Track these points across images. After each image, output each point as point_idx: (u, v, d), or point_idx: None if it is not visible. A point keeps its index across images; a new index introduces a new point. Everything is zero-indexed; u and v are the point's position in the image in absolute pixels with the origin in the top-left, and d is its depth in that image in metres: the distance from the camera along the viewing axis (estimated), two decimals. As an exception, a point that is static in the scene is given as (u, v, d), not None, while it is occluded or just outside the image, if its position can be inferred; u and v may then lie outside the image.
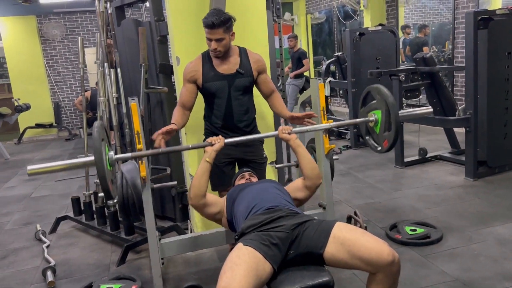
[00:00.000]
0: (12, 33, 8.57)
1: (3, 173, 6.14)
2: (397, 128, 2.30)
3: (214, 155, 2.17)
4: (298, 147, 2.25)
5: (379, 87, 2.39)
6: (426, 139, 5.80)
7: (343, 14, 8.96)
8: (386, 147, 2.40)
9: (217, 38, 2.38)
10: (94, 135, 1.95)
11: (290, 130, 2.28)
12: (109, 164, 2.07)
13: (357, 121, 2.54)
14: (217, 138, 2.20)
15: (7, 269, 3.05)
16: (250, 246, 1.72)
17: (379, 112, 2.40)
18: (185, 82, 2.57)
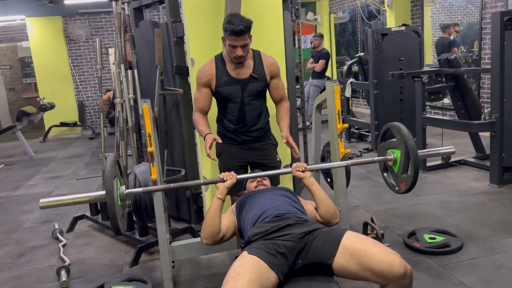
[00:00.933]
0: (38, 33, 8.76)
1: (27, 171, 6.28)
2: (416, 172, 2.23)
3: (226, 192, 2.11)
4: (312, 186, 2.16)
5: (400, 126, 2.32)
6: (451, 142, 5.62)
7: (367, 14, 8.81)
8: (404, 190, 2.34)
9: (243, 44, 2.34)
10: (107, 173, 1.98)
11: (305, 168, 2.20)
12: (120, 199, 2.08)
13: (375, 159, 2.46)
14: (229, 174, 2.15)
15: (24, 267, 3.09)
16: (255, 255, 1.68)
17: (399, 152, 2.34)
18: (200, 86, 2.54)
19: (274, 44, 2.99)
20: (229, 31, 2.30)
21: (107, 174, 1.96)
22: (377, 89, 5.44)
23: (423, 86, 4.35)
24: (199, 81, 2.53)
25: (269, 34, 2.97)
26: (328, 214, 2.11)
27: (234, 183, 2.13)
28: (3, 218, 4.23)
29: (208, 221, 2.04)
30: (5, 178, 5.92)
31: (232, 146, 2.63)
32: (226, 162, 2.62)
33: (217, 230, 2.04)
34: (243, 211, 2.11)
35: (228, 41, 2.35)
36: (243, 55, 2.38)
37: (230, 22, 2.30)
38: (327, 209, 2.12)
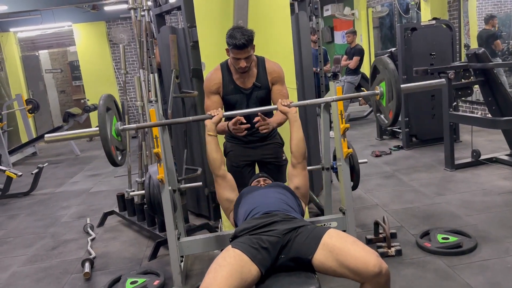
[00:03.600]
0: (84, 38, 9.27)
1: (71, 169, 6.70)
2: (398, 95, 2.22)
3: (214, 127, 2.29)
4: (295, 122, 2.31)
5: (382, 57, 2.36)
6: (487, 139, 5.43)
7: (404, 7, 8.59)
8: (391, 119, 2.34)
9: (246, 56, 2.41)
10: (99, 105, 2.14)
11: (290, 102, 2.33)
12: (115, 134, 2.25)
13: (362, 94, 2.58)
14: (216, 110, 2.32)
15: (55, 259, 3.36)
16: (238, 249, 1.77)
17: (384, 83, 2.35)
18: (209, 94, 2.62)
19: (282, 46, 3.05)
20: (231, 45, 2.37)
21: (100, 108, 2.13)
22: (407, 85, 5.33)
23: (449, 82, 4.23)
24: (208, 89, 2.61)
25: (277, 36, 3.03)
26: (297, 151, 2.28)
27: (220, 118, 2.30)
28: (44, 213, 4.57)
29: (208, 156, 2.29)
30: (51, 175, 6.35)
31: (239, 145, 2.74)
32: (232, 161, 2.73)
33: (219, 161, 2.29)
34: (238, 206, 2.21)
35: (231, 54, 2.43)
36: (246, 66, 2.46)
37: (232, 37, 2.37)
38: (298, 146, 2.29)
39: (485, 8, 7.50)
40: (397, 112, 2.27)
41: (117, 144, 2.27)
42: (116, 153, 2.24)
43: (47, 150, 8.80)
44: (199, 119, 2.47)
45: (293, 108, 2.32)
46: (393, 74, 2.23)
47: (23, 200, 5.19)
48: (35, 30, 9.77)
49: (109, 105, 2.24)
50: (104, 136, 2.11)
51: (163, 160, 2.49)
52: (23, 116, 8.09)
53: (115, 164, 2.24)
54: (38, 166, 5.34)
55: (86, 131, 2.35)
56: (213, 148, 2.28)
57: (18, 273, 3.19)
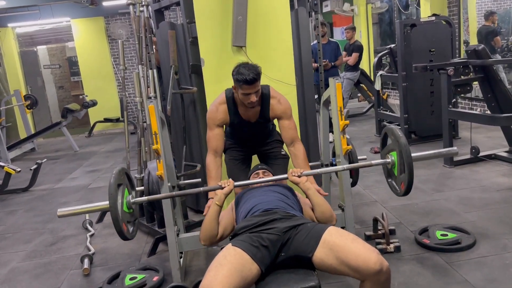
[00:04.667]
0: (82, 33, 9.24)
1: (70, 164, 6.69)
2: (410, 170, 2.21)
3: (223, 198, 2.18)
4: (307, 190, 2.21)
5: (392, 128, 2.36)
6: (486, 136, 5.44)
7: (404, 3, 8.57)
8: (404, 190, 2.32)
9: (256, 90, 2.42)
10: (110, 182, 2.12)
11: (300, 173, 2.26)
12: (126, 207, 2.22)
13: (373, 163, 2.48)
14: (227, 181, 2.24)
15: (54, 255, 3.36)
16: (238, 247, 1.78)
17: (395, 153, 2.35)
18: (213, 126, 2.61)
19: (282, 42, 3.04)
20: (242, 81, 2.36)
21: (111, 182, 2.11)
22: (406, 81, 5.34)
23: (449, 78, 4.23)
24: (213, 121, 2.59)
25: (277, 33, 3.02)
26: (323, 218, 2.16)
27: (231, 190, 2.22)
28: (43, 209, 4.57)
29: (206, 225, 2.15)
30: (50, 171, 6.35)
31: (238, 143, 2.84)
32: (230, 154, 2.83)
33: (214, 234, 2.15)
34: (239, 207, 2.21)
35: (241, 90, 2.42)
36: (256, 101, 2.45)
37: (241, 73, 2.36)
38: (323, 213, 2.17)
39: (484, 4, 7.48)
40: (409, 186, 2.25)
41: (128, 218, 2.24)
42: (127, 229, 2.20)
43: (45, 146, 8.80)
44: (210, 189, 2.39)
45: (303, 178, 2.25)
46: (405, 149, 2.21)
47: (22, 196, 5.18)
48: (33, 26, 9.74)
49: (120, 180, 2.20)
50: (115, 217, 2.06)
51: (162, 157, 2.49)
52: (22, 112, 8.08)
53: (126, 239, 2.19)
54: (37, 162, 5.33)
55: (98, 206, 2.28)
56: (215, 220, 2.14)
57: (17, 268, 3.19)
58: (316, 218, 2.18)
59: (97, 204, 2.30)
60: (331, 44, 6.70)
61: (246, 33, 2.95)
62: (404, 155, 2.22)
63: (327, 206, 2.20)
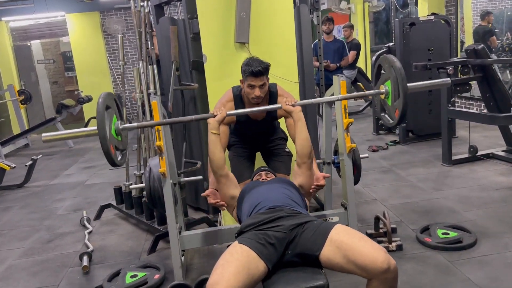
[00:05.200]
0: (78, 28, 9.15)
1: (65, 161, 6.63)
2: (405, 93, 2.17)
3: (217, 125, 2.25)
4: (298, 121, 2.28)
5: (387, 56, 2.32)
6: (482, 135, 5.46)
7: (401, 2, 8.58)
8: (398, 117, 2.29)
9: (262, 84, 2.43)
10: (98, 103, 2.08)
11: (294, 102, 2.31)
12: (115, 133, 2.19)
13: (367, 93, 2.55)
14: (219, 109, 2.29)
15: (52, 252, 3.32)
16: (245, 245, 1.76)
17: (389, 82, 2.32)
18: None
19: (285, 39, 3.02)
20: (248, 72, 2.40)
21: (98, 107, 2.05)
22: (405, 80, 5.33)
23: (448, 77, 4.23)
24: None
25: (280, 29, 3.00)
26: (303, 151, 2.25)
27: (224, 117, 2.27)
28: (39, 205, 4.52)
29: (211, 156, 2.24)
30: (45, 167, 6.28)
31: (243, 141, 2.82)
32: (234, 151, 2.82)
33: (221, 162, 2.24)
34: (242, 201, 2.19)
35: (247, 81, 2.44)
36: (261, 95, 2.45)
37: (249, 64, 2.41)
38: (303, 146, 2.25)
39: (480, 4, 7.51)
40: (404, 111, 2.22)
41: (116, 143, 2.21)
42: (115, 153, 2.17)
43: (39, 141, 8.69)
44: (202, 118, 2.41)
45: (297, 107, 2.29)
46: (400, 72, 2.19)
47: (17, 192, 5.12)
48: (28, 20, 9.62)
49: (109, 103, 2.17)
50: (102, 135, 2.03)
51: (165, 154, 2.47)
52: (15, 107, 7.98)
53: (114, 164, 2.16)
54: (32, 158, 5.27)
55: (85, 130, 2.26)
56: (216, 147, 2.24)
57: (14, 266, 3.15)
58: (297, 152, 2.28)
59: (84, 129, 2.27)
60: (336, 42, 6.68)
61: (249, 29, 2.92)
62: (398, 78, 2.16)
63: (309, 142, 2.29)
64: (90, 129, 2.18)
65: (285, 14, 3.00)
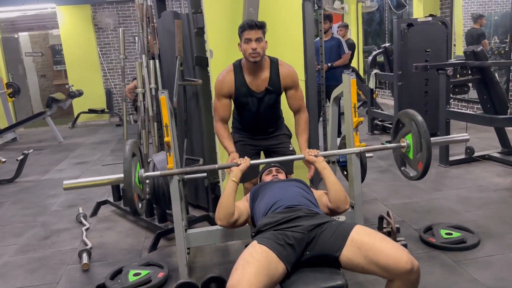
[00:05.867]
0: (68, 21, 8.98)
1: (56, 156, 6.50)
2: (428, 146, 2.21)
3: (240, 175, 2.20)
4: (323, 170, 2.22)
5: (406, 110, 2.36)
6: (476, 136, 5.50)
7: (395, 3, 8.63)
8: (421, 170, 2.31)
9: (257, 37, 2.41)
10: (125, 156, 2.05)
11: (317, 153, 2.28)
12: (138, 181, 2.15)
13: (389, 146, 2.50)
14: (243, 159, 2.25)
15: (48, 249, 3.23)
16: (264, 245, 1.73)
17: (410, 136, 2.35)
18: (220, 97, 2.60)
19: (292, 37, 2.99)
20: (242, 27, 2.43)
21: (126, 156, 2.03)
22: (402, 80, 5.36)
23: (447, 79, 4.26)
24: (219, 91, 2.59)
25: (287, 27, 2.97)
26: (337, 198, 2.13)
27: (248, 167, 2.24)
28: (31, 201, 4.41)
29: (223, 202, 2.13)
30: (34, 162, 6.15)
31: (246, 137, 2.78)
32: (239, 150, 2.73)
33: (231, 211, 2.12)
34: (256, 200, 2.16)
35: (243, 37, 2.43)
36: (258, 51, 2.41)
37: (245, 21, 2.46)
38: (337, 193, 2.14)
39: (470, 7, 7.60)
40: (428, 163, 2.25)
41: (139, 192, 2.18)
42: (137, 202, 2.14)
43: (27, 136, 8.54)
44: (225, 166, 2.40)
45: (319, 158, 2.28)
46: (422, 125, 2.23)
47: (7, 187, 5.00)
48: (16, 11, 9.41)
49: (135, 150, 2.15)
50: (128, 183, 2.00)
51: (173, 150, 2.42)
52: (3, 100, 7.82)
53: (136, 213, 2.13)
54: (24, 152, 5.15)
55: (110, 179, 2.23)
56: (230, 196, 2.13)
57: (10, 263, 3.06)
58: (329, 200, 2.16)
59: (109, 176, 2.23)
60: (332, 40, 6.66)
61: (256, 25, 2.87)
62: (421, 131, 2.22)
63: (341, 187, 2.19)
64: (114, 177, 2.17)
65: (293, 11, 2.98)
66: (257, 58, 2.45)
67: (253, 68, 2.51)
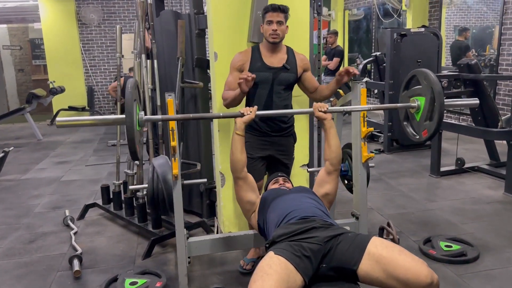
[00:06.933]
0: (50, 15, 8.70)
1: (35, 154, 6.26)
2: (440, 118, 2.19)
3: (243, 126, 2.20)
4: (331, 128, 2.26)
5: (427, 72, 2.28)
6: (463, 147, 5.58)
7: (382, 12, 8.72)
8: (425, 137, 2.31)
9: (279, 20, 2.48)
10: (127, 95, 1.94)
11: (326, 108, 2.26)
12: (138, 125, 2.07)
13: (398, 106, 2.47)
14: (249, 108, 2.21)
15: (35, 254, 3.08)
16: (282, 256, 1.67)
17: (423, 99, 2.30)
18: (233, 70, 2.62)
19: (300, 42, 2.93)
20: (266, 9, 2.51)
21: (128, 95, 1.93)
22: (393, 90, 5.39)
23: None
24: (233, 65, 2.61)
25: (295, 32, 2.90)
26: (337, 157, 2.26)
27: (252, 119, 2.20)
28: (13, 201, 4.22)
29: (232, 156, 2.21)
30: (13, 160, 5.90)
31: (255, 137, 2.68)
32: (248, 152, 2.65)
33: (242, 163, 2.21)
34: (267, 209, 2.10)
35: (265, 18, 2.50)
36: (278, 32, 2.48)
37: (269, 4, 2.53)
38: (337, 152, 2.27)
39: (453, 20, 7.75)
40: (435, 134, 2.26)
41: (139, 137, 2.09)
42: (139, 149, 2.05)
43: (3, 132, 8.21)
44: (229, 116, 2.36)
45: (329, 115, 2.27)
46: (440, 97, 2.17)
47: (-14, 186, 4.78)
48: (-5, 2, 9.08)
49: (135, 93, 2.06)
50: (131, 136, 1.92)
51: (178, 155, 2.33)
52: (-20, 94, 7.49)
53: (136, 157, 2.05)
54: (4, 150, 4.94)
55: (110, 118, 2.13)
56: (238, 148, 2.20)
57: (-6, 268, 2.90)
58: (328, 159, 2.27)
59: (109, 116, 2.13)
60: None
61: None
62: (437, 103, 2.17)
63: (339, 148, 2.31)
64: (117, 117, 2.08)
65: (301, 16, 2.92)
66: (276, 39, 2.50)
67: (271, 48, 2.56)
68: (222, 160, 2.97)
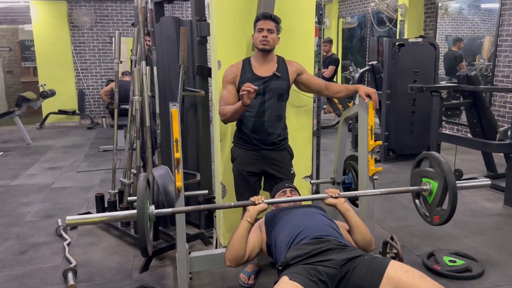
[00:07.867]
0: (42, 17, 8.53)
1: (25, 159, 6.10)
2: (453, 210, 2.20)
3: (256, 215, 2.04)
4: (347, 211, 2.11)
5: (439, 159, 2.27)
6: (459, 158, 5.55)
7: (376, 21, 8.73)
8: (437, 223, 2.30)
9: (269, 28, 2.46)
10: (140, 191, 1.89)
11: (337, 194, 2.15)
12: (149, 220, 1.99)
13: (410, 189, 2.43)
14: (260, 197, 2.08)
15: (27, 266, 2.96)
16: (297, 282, 1.59)
17: (435, 184, 2.29)
18: (226, 84, 2.57)
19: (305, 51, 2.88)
20: (257, 18, 2.50)
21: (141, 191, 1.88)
22: (390, 99, 5.37)
23: (441, 101, 4.27)
24: (226, 78, 2.57)
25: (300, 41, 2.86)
26: (364, 241, 2.05)
27: (265, 208, 2.05)
28: (2, 209, 4.08)
29: (234, 243, 1.99)
30: (1, 165, 5.75)
31: (247, 151, 2.61)
32: (239, 167, 2.63)
33: (243, 253, 2.00)
34: (275, 228, 2.02)
35: (256, 27, 2.48)
36: (268, 38, 2.45)
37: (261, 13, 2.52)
38: (364, 236, 2.05)
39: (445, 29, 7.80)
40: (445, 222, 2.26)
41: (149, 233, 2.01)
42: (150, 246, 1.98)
43: (-10, 135, 8.02)
44: (241, 205, 2.27)
45: (341, 199, 2.15)
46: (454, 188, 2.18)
47: (-27, 192, 4.62)
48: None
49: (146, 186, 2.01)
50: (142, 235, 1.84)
51: (181, 166, 2.24)
52: (-33, 96, 7.30)
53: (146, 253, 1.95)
54: (-7, 155, 4.79)
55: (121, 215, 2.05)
56: (244, 236, 2.02)
57: (-16, 281, 2.77)
58: (355, 241, 2.07)
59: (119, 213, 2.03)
60: None
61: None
62: (450, 194, 2.18)
63: (367, 229, 2.10)
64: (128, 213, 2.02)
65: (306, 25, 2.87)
66: (266, 46, 2.47)
67: (262, 58, 2.53)
68: (224, 171, 2.89)
